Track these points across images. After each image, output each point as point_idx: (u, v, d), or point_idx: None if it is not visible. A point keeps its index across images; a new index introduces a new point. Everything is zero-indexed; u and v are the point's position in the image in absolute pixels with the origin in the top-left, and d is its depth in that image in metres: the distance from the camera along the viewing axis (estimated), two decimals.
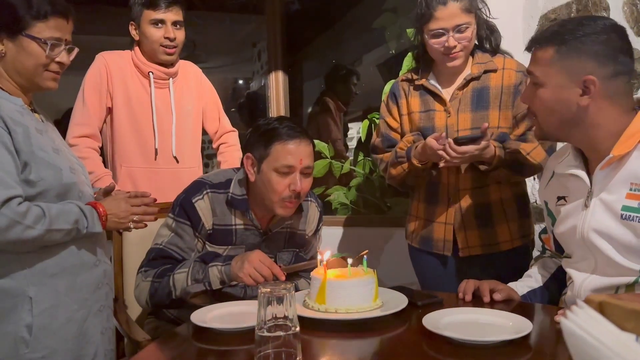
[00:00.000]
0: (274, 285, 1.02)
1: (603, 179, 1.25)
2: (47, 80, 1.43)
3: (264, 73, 3.85)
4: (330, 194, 3.02)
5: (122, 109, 2.21)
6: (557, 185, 1.41)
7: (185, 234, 1.61)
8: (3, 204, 1.26)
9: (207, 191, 1.62)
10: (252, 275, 1.45)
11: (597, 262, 1.28)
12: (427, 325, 1.16)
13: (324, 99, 3.32)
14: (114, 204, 1.49)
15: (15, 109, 1.37)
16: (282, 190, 1.55)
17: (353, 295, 1.29)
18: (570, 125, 1.27)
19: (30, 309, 1.35)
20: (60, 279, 1.40)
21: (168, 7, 2.18)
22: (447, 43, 1.72)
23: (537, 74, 1.28)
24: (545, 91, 1.27)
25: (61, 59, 1.42)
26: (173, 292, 1.53)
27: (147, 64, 2.24)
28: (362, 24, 3.18)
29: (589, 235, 1.26)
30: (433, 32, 1.73)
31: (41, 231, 1.32)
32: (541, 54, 1.27)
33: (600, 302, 0.57)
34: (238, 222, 1.64)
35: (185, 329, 1.32)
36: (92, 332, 1.47)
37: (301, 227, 1.74)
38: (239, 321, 1.25)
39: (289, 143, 1.55)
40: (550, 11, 2.22)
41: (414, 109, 1.85)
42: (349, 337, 1.24)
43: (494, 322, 1.21)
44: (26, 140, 1.35)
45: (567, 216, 1.34)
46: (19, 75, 1.40)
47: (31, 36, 1.37)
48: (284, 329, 1.00)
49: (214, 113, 2.45)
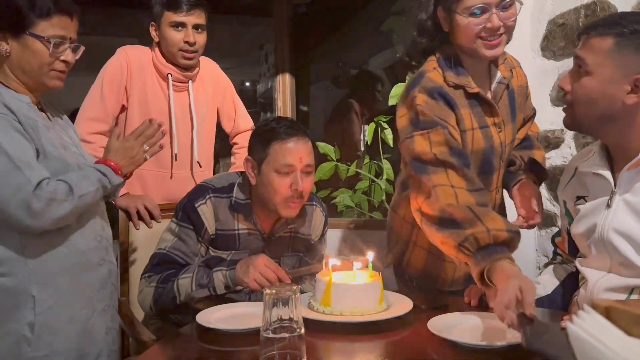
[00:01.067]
0: (280, 287, 1.02)
1: (630, 179, 1.25)
2: (52, 79, 1.44)
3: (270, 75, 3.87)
4: (335, 197, 3.02)
5: (136, 109, 2.12)
6: (577, 184, 1.39)
7: (188, 238, 1.61)
8: (36, 187, 1.29)
9: (210, 196, 1.62)
10: (258, 279, 1.45)
11: (612, 261, 1.27)
12: (432, 328, 1.16)
13: (349, 101, 3.32)
14: (120, 150, 1.50)
15: (22, 106, 1.39)
16: (284, 191, 1.53)
17: (358, 298, 1.30)
18: (607, 121, 1.24)
19: (32, 307, 1.36)
20: (63, 277, 1.40)
21: (190, 10, 2.06)
22: (491, 23, 1.37)
23: (589, 62, 1.22)
24: (592, 80, 1.22)
25: (66, 57, 1.43)
26: (177, 297, 1.53)
27: (166, 65, 2.14)
28: (369, 27, 3.19)
29: (608, 235, 1.25)
30: (472, 8, 1.37)
31: (73, 202, 1.35)
32: (598, 42, 1.21)
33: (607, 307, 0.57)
34: (241, 227, 1.64)
35: (190, 329, 1.33)
36: (96, 332, 1.47)
37: (305, 232, 1.73)
38: (244, 322, 1.25)
39: (287, 142, 1.53)
40: (559, 16, 2.21)
41: (474, 124, 1.48)
42: (353, 339, 1.24)
43: (499, 326, 1.19)
44: (36, 134, 1.38)
45: (587, 215, 1.33)
46: (25, 74, 1.42)
47: (35, 35, 1.38)
48: (289, 330, 1.00)
49: (230, 111, 2.36)
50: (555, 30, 2.23)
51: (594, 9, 2.07)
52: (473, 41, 1.41)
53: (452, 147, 1.39)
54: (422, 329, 1.20)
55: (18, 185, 1.29)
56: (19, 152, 1.31)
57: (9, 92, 1.39)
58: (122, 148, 1.51)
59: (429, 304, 1.40)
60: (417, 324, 1.28)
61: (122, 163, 1.50)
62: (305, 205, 1.67)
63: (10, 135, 1.32)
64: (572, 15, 2.15)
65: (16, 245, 1.35)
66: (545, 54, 2.30)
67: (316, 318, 1.27)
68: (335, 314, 1.29)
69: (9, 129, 1.32)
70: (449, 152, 1.38)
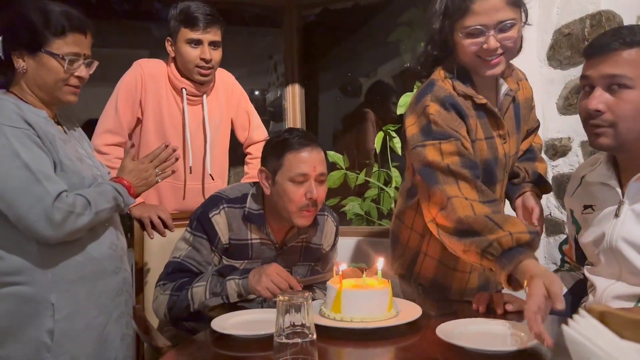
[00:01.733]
0: (292, 294, 1.05)
1: (637, 190, 1.26)
2: (67, 94, 1.48)
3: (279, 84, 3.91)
4: (345, 205, 3.05)
5: (151, 121, 2.15)
6: (583, 193, 1.40)
7: (202, 247, 1.64)
8: (55, 199, 1.34)
9: (224, 206, 1.66)
10: (270, 287, 1.48)
11: (622, 270, 1.29)
12: (440, 334, 1.18)
13: (365, 110, 3.34)
14: (135, 171, 1.56)
15: (40, 121, 1.43)
16: (299, 199, 1.57)
17: (368, 305, 1.32)
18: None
19: (52, 314, 1.40)
20: (80, 285, 1.44)
21: (206, 27, 2.06)
22: (487, 44, 1.38)
23: (630, 75, 1.19)
24: (635, 93, 1.20)
25: (80, 73, 1.47)
26: (191, 305, 1.56)
27: (181, 80, 2.15)
28: (377, 37, 3.23)
29: (617, 244, 1.27)
30: (469, 29, 1.39)
31: (90, 216, 1.40)
32: (629, 55, 1.19)
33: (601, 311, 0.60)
34: (254, 237, 1.67)
35: (205, 335, 1.36)
36: (112, 338, 1.51)
37: (317, 241, 1.76)
38: (258, 328, 1.28)
39: (301, 152, 1.57)
40: (564, 26, 2.24)
41: (481, 135, 1.50)
42: (364, 345, 1.26)
43: (506, 332, 1.22)
44: (53, 147, 1.42)
45: (595, 224, 1.34)
46: (40, 90, 1.46)
47: (50, 52, 1.42)
48: (302, 336, 1.03)
49: (245, 122, 2.37)
50: (561, 40, 2.26)
51: (599, 19, 2.10)
52: (472, 60, 1.44)
53: (465, 158, 1.40)
54: (431, 335, 1.22)
55: (38, 197, 1.33)
56: (39, 165, 1.36)
57: (27, 107, 1.44)
58: (136, 169, 1.57)
59: (438, 310, 1.42)
60: (426, 330, 1.31)
61: (135, 183, 1.55)
62: (317, 215, 1.70)
63: (30, 149, 1.36)
64: (577, 25, 2.18)
65: (35, 255, 1.39)
66: (552, 63, 2.33)
67: (327, 324, 1.30)
68: (345, 320, 1.31)
69: (29, 143, 1.37)
70: (461, 163, 1.39)
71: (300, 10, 3.16)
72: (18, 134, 1.36)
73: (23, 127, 1.38)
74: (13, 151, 1.34)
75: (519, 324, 1.26)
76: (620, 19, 2.08)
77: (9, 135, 1.35)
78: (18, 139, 1.36)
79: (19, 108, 1.41)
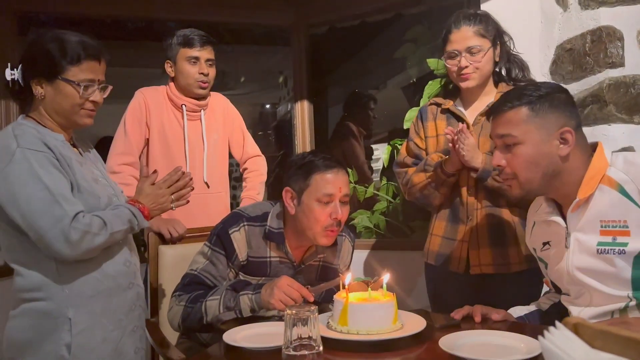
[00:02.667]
0: (299, 308, 1.10)
1: (575, 220, 1.36)
2: (83, 117, 1.55)
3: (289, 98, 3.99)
4: (354, 218, 3.10)
5: (156, 138, 2.38)
6: (539, 232, 1.51)
7: (219, 263, 1.69)
8: (73, 219, 1.40)
9: (244, 224, 1.70)
10: (283, 299, 1.51)
11: (591, 296, 1.36)
12: (443, 346, 1.22)
13: (346, 123, 3.39)
14: (151, 195, 1.62)
15: (58, 144, 1.50)
16: (325, 219, 1.62)
17: (374, 318, 1.36)
18: (550, 177, 1.36)
19: (69, 329, 1.45)
20: (96, 301, 1.50)
21: (202, 46, 2.38)
22: (460, 63, 1.87)
23: (516, 134, 1.36)
24: (525, 148, 1.36)
25: (94, 98, 1.54)
26: (204, 317, 1.60)
27: (180, 97, 2.41)
28: (383, 54, 3.28)
29: (574, 273, 1.36)
30: (448, 53, 1.90)
31: (106, 236, 1.46)
32: (514, 115, 1.36)
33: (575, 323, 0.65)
34: (273, 255, 1.72)
35: (217, 348, 1.40)
36: (127, 352, 1.56)
37: (334, 262, 1.80)
38: (268, 341, 1.32)
39: (327, 173, 1.63)
40: (566, 41, 2.29)
41: (440, 132, 1.96)
42: (369, 357, 1.30)
43: (506, 343, 1.26)
44: (71, 170, 1.49)
45: (554, 259, 1.43)
46: (58, 115, 1.53)
47: (66, 79, 1.49)
48: (309, 348, 1.08)
49: (240, 140, 2.58)
50: (564, 55, 2.30)
51: (599, 34, 2.14)
52: (453, 76, 1.94)
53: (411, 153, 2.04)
54: (435, 346, 1.25)
55: (57, 218, 1.39)
56: (58, 187, 1.42)
57: (45, 131, 1.51)
58: (153, 194, 1.62)
59: (441, 322, 1.47)
60: (430, 342, 1.34)
61: (151, 207, 1.61)
62: None
63: (49, 171, 1.43)
64: (579, 40, 2.22)
65: (53, 272, 1.46)
66: (555, 77, 2.37)
67: (334, 337, 1.33)
68: (352, 332, 1.34)
69: (49, 165, 1.44)
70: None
71: (309, 29, 3.23)
72: (39, 157, 1.43)
73: (43, 150, 1.45)
74: (35, 174, 1.41)
75: (519, 335, 1.29)
76: (621, 34, 2.12)
77: (31, 159, 1.42)
78: (39, 161, 1.42)
79: (39, 132, 1.48)
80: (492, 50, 1.89)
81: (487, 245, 1.86)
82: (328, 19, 3.24)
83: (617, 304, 1.31)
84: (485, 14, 1.94)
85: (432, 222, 2.02)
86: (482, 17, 1.90)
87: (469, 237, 1.88)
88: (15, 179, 1.40)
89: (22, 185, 1.40)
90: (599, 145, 1.38)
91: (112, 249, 1.55)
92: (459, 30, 1.87)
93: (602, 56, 2.13)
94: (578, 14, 2.23)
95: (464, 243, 1.89)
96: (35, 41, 1.52)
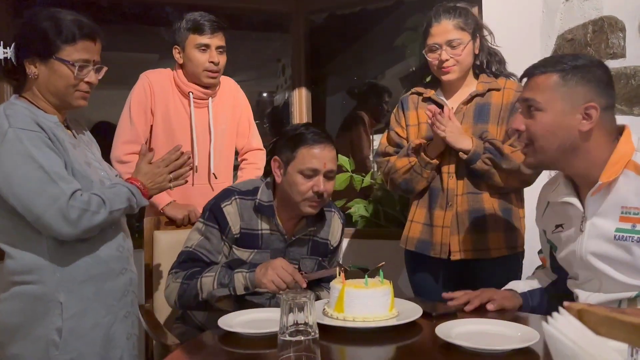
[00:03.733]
0: (296, 294, 1.09)
1: (595, 204, 1.33)
2: (77, 99, 1.52)
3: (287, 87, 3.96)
4: (351, 207, 3.09)
5: (160, 126, 2.27)
6: (552, 214, 1.48)
7: (213, 237, 1.71)
8: (70, 197, 1.39)
9: (236, 197, 1.72)
10: (275, 281, 1.52)
11: (601, 282, 1.34)
12: (439, 334, 1.22)
13: (359, 113, 3.39)
14: (149, 174, 1.59)
15: (51, 126, 1.48)
16: (306, 191, 1.65)
17: (370, 305, 1.36)
18: (567, 152, 1.33)
19: (60, 313, 1.44)
20: (88, 285, 1.48)
21: (213, 32, 2.23)
22: (440, 57, 1.89)
23: (539, 99, 1.32)
24: (546, 115, 1.32)
25: (89, 79, 1.51)
26: (200, 294, 1.61)
27: (188, 85, 2.28)
28: (383, 42, 3.27)
29: (587, 258, 1.34)
30: (429, 46, 1.92)
31: (105, 215, 1.44)
32: (543, 80, 1.32)
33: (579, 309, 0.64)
34: (264, 227, 1.73)
35: (212, 333, 1.40)
36: (118, 337, 1.55)
37: (324, 236, 1.82)
38: (263, 326, 1.32)
39: (314, 147, 1.65)
40: (567, 31, 2.27)
41: (422, 120, 1.98)
42: (365, 344, 1.30)
43: (503, 332, 1.26)
44: (65, 152, 1.47)
45: (566, 242, 1.41)
46: (52, 95, 1.50)
47: (61, 59, 1.46)
48: (305, 334, 1.07)
49: (245, 130, 2.48)
50: (564, 45, 2.29)
51: (601, 24, 2.12)
52: (433, 69, 1.96)
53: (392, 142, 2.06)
54: (431, 334, 1.26)
55: (54, 197, 1.38)
56: (53, 166, 1.40)
57: (39, 112, 1.48)
58: (150, 172, 1.60)
59: (438, 311, 1.46)
60: (426, 330, 1.35)
61: (149, 186, 1.59)
62: (325, 211, 1.78)
63: (44, 151, 1.41)
64: (580, 30, 2.21)
65: (45, 256, 1.44)
66: None
67: (331, 323, 1.33)
68: (348, 319, 1.35)
69: (42, 145, 1.41)
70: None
71: (308, 16, 3.20)
72: (32, 136, 1.41)
73: (36, 129, 1.42)
74: (28, 154, 1.39)
75: (517, 324, 1.30)
76: (622, 24, 2.11)
77: (23, 139, 1.39)
78: (32, 141, 1.40)
79: (31, 112, 1.46)
80: (471, 43, 1.91)
81: (468, 231, 1.88)
82: (328, 6, 3.21)
83: (627, 293, 1.29)
84: (465, 8, 1.95)
85: (411, 209, 2.04)
86: (461, 11, 1.91)
87: (450, 223, 1.90)
88: (8, 160, 1.38)
89: (16, 166, 1.38)
90: (626, 129, 1.34)
91: (106, 233, 1.53)
92: (439, 24, 1.89)
93: (604, 47, 2.11)
94: (580, 3, 2.21)
95: (445, 229, 1.90)
96: (29, 19, 1.49)
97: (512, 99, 1.89)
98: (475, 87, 1.95)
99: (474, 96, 1.93)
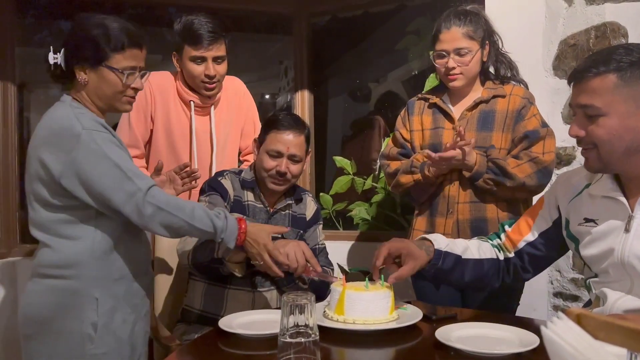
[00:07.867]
0: (296, 296, 1.10)
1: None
2: (124, 104, 1.59)
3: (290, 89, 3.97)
4: (352, 210, 3.09)
5: (161, 131, 2.24)
6: (585, 205, 1.39)
7: (217, 202, 1.83)
8: (146, 194, 1.44)
9: (227, 173, 1.94)
10: (290, 255, 1.58)
11: (634, 284, 1.27)
12: (439, 337, 1.22)
13: (376, 117, 3.37)
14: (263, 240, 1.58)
15: None
16: (269, 169, 1.84)
17: (370, 308, 1.36)
18: (632, 153, 1.24)
19: (96, 309, 1.50)
20: (120, 284, 1.55)
21: (210, 44, 2.10)
22: (447, 64, 1.90)
23: (598, 104, 1.21)
24: (610, 120, 1.22)
25: (136, 85, 1.57)
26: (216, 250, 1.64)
27: (189, 93, 2.23)
28: (385, 45, 3.26)
29: (629, 260, 1.26)
30: (436, 53, 1.93)
31: (182, 222, 1.48)
32: (598, 83, 1.21)
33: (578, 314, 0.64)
34: (250, 199, 1.92)
35: (213, 334, 1.40)
36: (140, 334, 1.61)
37: (301, 211, 1.99)
38: (263, 328, 1.33)
39: (281, 133, 1.84)
40: (570, 37, 2.28)
41: (425, 126, 2.01)
42: (365, 347, 1.31)
43: (502, 336, 1.26)
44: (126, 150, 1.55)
45: (601, 238, 1.32)
46: (100, 100, 1.55)
47: (110, 67, 1.51)
48: (305, 336, 1.07)
49: (250, 131, 2.44)
50: (567, 51, 2.29)
51: (604, 30, 2.13)
52: (440, 75, 1.98)
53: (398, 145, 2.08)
54: (431, 337, 1.26)
55: (131, 193, 1.44)
56: (126, 163, 1.47)
57: (92, 116, 1.52)
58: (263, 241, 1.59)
59: (438, 314, 1.46)
60: (426, 333, 1.35)
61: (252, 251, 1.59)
62: (301, 193, 2.01)
63: (115, 150, 1.48)
64: (582, 36, 2.22)
65: (87, 252, 1.49)
66: (557, 73, 2.36)
67: (331, 326, 1.34)
68: (348, 322, 1.35)
69: (112, 145, 1.49)
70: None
71: (310, 18, 3.20)
72: (103, 137, 1.48)
73: (104, 130, 1.49)
74: (103, 153, 1.45)
75: (516, 328, 1.29)
76: (625, 30, 2.12)
77: (97, 140, 1.45)
78: (104, 141, 1.47)
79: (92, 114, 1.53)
80: (480, 52, 1.91)
81: (468, 238, 1.83)
82: (330, 8, 3.21)
83: None
84: (477, 13, 1.92)
85: (414, 219, 2.05)
86: (472, 17, 1.89)
87: (451, 230, 1.90)
88: (85, 161, 1.44)
89: (92, 167, 1.44)
90: None
91: (140, 236, 1.61)
92: (448, 31, 1.89)
93: None
94: (583, 9, 2.22)
95: (446, 236, 1.86)
96: (79, 26, 1.54)
97: (518, 106, 1.89)
98: (480, 93, 1.95)
99: (479, 103, 1.93)
